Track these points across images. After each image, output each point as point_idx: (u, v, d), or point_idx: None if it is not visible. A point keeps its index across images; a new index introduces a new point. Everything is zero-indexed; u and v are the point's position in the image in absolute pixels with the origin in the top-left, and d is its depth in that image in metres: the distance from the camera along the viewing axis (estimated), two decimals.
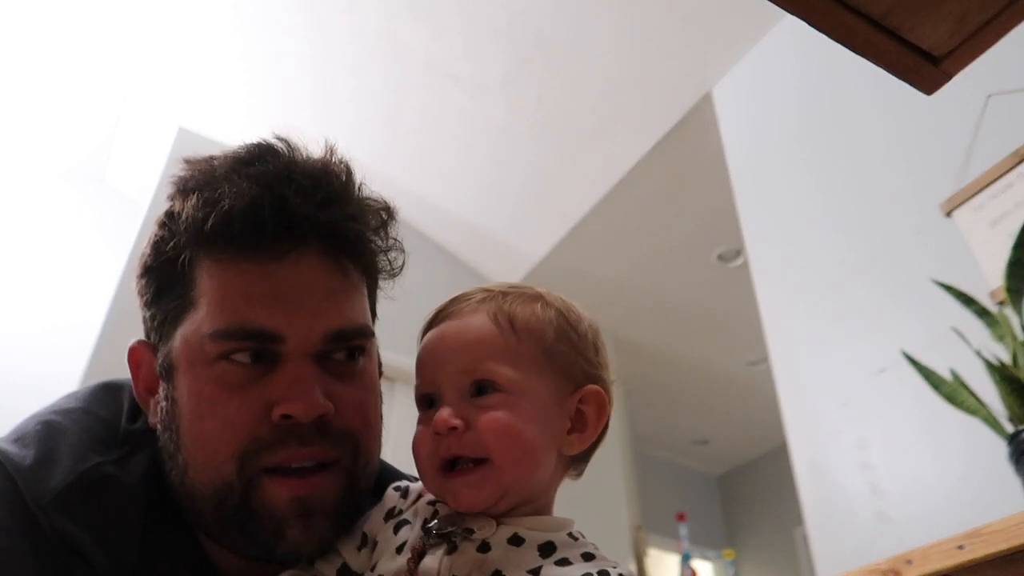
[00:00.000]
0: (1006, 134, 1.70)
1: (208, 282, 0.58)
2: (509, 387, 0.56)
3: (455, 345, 0.58)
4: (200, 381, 0.57)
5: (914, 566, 1.11)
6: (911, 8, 0.52)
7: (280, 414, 0.55)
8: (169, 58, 3.25)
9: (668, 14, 2.59)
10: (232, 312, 0.56)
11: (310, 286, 0.58)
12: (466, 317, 0.59)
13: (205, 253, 0.58)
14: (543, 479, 0.57)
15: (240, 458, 0.55)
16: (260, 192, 0.57)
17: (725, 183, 2.63)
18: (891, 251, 1.90)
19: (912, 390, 1.54)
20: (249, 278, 0.57)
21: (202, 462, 0.57)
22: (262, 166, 0.59)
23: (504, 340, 0.57)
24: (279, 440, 0.56)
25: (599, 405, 0.59)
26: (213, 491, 0.56)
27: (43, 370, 3.00)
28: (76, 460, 0.56)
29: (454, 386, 0.57)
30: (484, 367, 0.56)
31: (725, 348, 4.16)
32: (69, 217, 3.86)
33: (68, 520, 0.52)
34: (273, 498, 0.56)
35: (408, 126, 3.23)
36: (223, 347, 0.56)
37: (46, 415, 0.59)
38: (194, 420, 0.57)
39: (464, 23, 2.79)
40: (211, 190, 0.57)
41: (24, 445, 0.56)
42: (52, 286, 3.57)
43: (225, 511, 0.56)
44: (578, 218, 3.41)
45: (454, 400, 0.56)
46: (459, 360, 0.57)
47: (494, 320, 0.58)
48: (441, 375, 0.58)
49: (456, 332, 0.59)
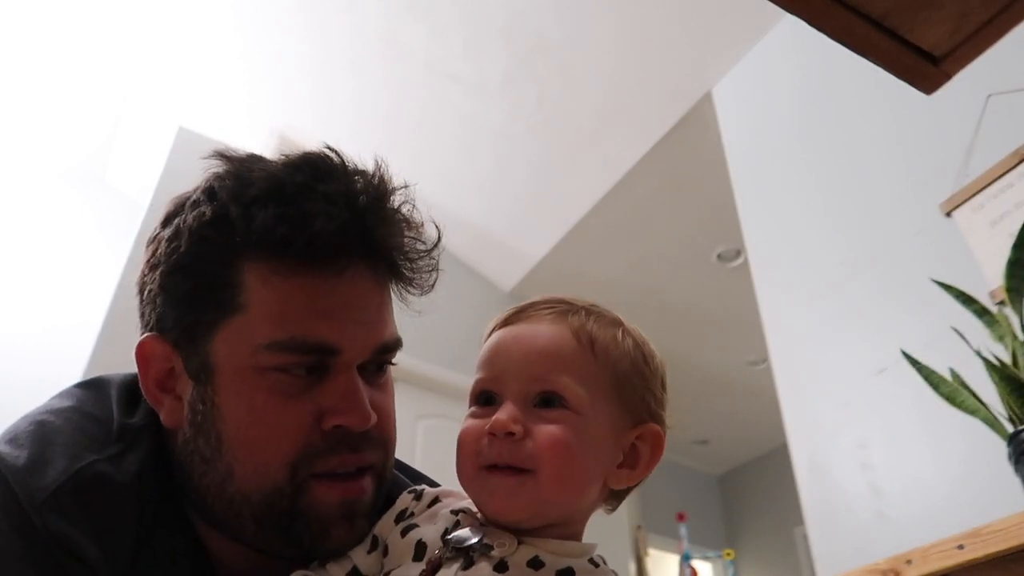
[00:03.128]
0: (1006, 134, 1.70)
1: (262, 291, 0.57)
2: (576, 406, 0.54)
3: (531, 350, 0.56)
4: (250, 389, 0.57)
5: (914, 566, 1.11)
6: (911, 8, 0.52)
7: (333, 424, 0.57)
8: (169, 58, 3.25)
9: (668, 14, 2.59)
10: (293, 325, 0.57)
11: (364, 301, 0.60)
12: (546, 324, 0.57)
13: (262, 261, 0.58)
14: (583, 506, 0.56)
15: (293, 465, 0.57)
16: (350, 220, 0.57)
17: (725, 183, 2.63)
18: (891, 251, 1.90)
19: (912, 390, 1.54)
20: (311, 293, 0.57)
21: (252, 469, 0.57)
22: (336, 186, 0.58)
23: (582, 358, 0.56)
24: (330, 448, 0.57)
25: (655, 445, 0.58)
26: (262, 496, 0.57)
27: (43, 370, 3.00)
28: (70, 459, 0.55)
29: (520, 390, 0.55)
30: (557, 379, 0.54)
31: (725, 348, 4.16)
32: (69, 217, 3.86)
33: (62, 519, 0.52)
34: (322, 501, 0.57)
35: (408, 126, 3.23)
36: (281, 359, 0.57)
37: (38, 415, 0.59)
38: (243, 427, 0.57)
39: (464, 23, 2.79)
40: (290, 206, 0.57)
41: (18, 445, 0.56)
42: (52, 286, 3.58)
43: (272, 515, 0.57)
44: (578, 218, 3.41)
45: (517, 405, 0.54)
46: (533, 366, 0.55)
47: (576, 335, 0.56)
48: (509, 376, 0.55)
49: (534, 337, 0.57)
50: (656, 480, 3.80)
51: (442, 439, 3.31)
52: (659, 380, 0.60)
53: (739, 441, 5.26)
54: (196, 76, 3.28)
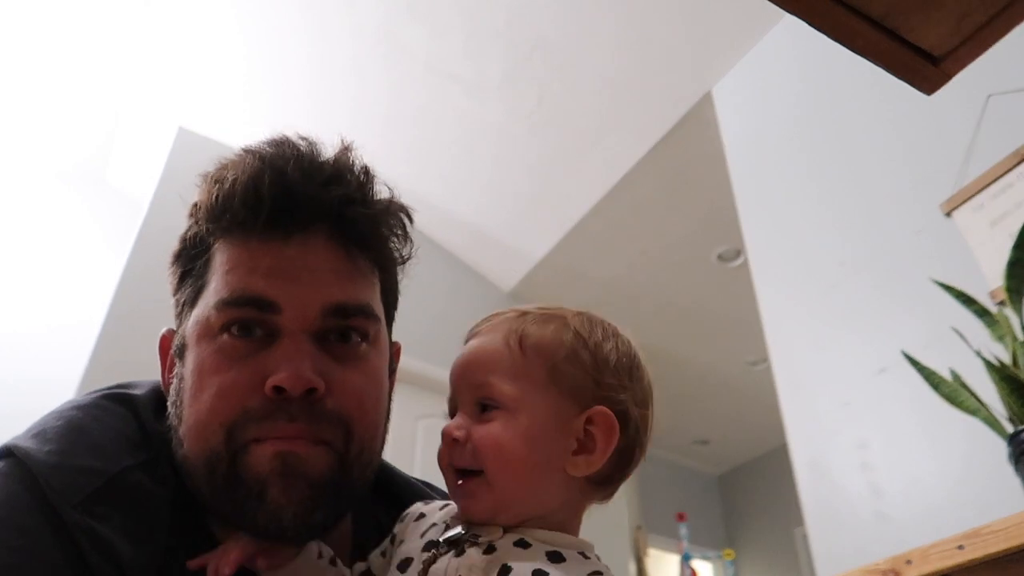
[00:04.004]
0: (1006, 134, 1.70)
1: (219, 261, 0.61)
2: (507, 404, 0.57)
3: (468, 362, 0.61)
4: (203, 354, 0.58)
5: (914, 566, 1.11)
6: (911, 8, 0.52)
7: (271, 386, 0.56)
8: (169, 58, 3.25)
9: (668, 14, 2.60)
10: (235, 282, 0.59)
11: (313, 264, 0.60)
12: (486, 335, 0.62)
13: (220, 236, 0.61)
14: (545, 497, 0.57)
15: (228, 429, 0.56)
16: (261, 167, 0.60)
17: (725, 183, 2.63)
18: (891, 251, 1.90)
19: (912, 390, 1.54)
20: (255, 254, 0.60)
21: (195, 432, 0.57)
22: (270, 149, 0.62)
23: (510, 359, 0.59)
24: (267, 414, 0.56)
25: (608, 428, 0.58)
26: (204, 461, 0.57)
27: (43, 370, 3.01)
28: (103, 460, 0.55)
29: (466, 400, 0.60)
30: (487, 383, 0.58)
31: (725, 348, 4.16)
32: (69, 217, 3.86)
33: (98, 523, 0.51)
34: (257, 459, 0.56)
35: (408, 126, 3.23)
36: (225, 316, 0.58)
37: (66, 411, 0.59)
38: (193, 391, 0.58)
39: (464, 23, 2.79)
40: (221, 171, 0.62)
41: (45, 440, 0.55)
42: (52, 286, 3.58)
43: (215, 481, 0.57)
44: (578, 218, 3.41)
45: (465, 413, 0.59)
46: (469, 376, 0.60)
47: (505, 339, 0.60)
48: (458, 389, 0.61)
49: (473, 350, 0.61)
50: (656, 480, 3.84)
51: (440, 438, 3.31)
52: (611, 366, 0.60)
53: (739, 441, 5.26)
54: (196, 76, 3.28)
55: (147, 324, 2.23)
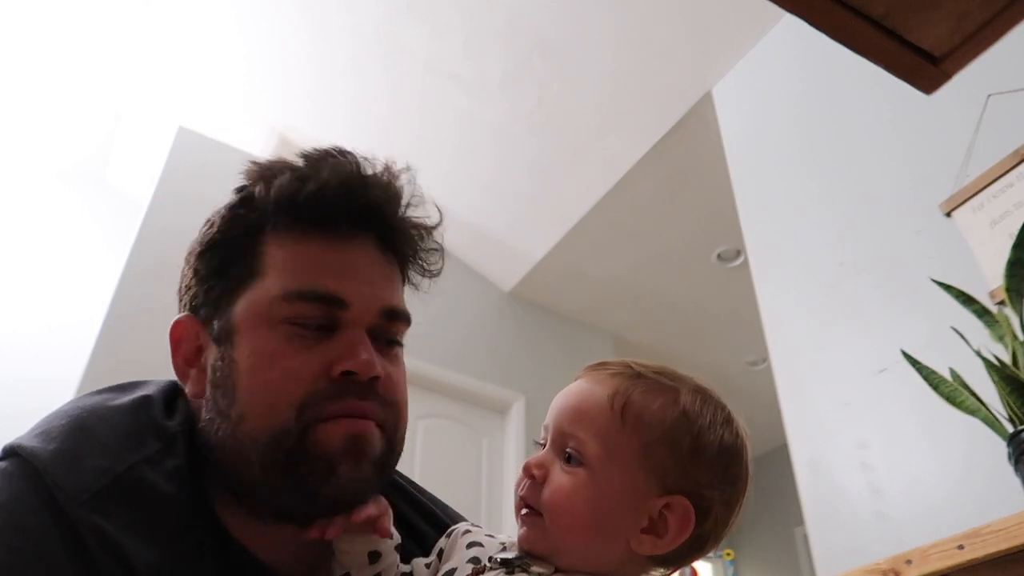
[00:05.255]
0: (1006, 134, 1.70)
1: (279, 252, 0.63)
2: (591, 463, 0.57)
3: (568, 406, 0.61)
4: (263, 339, 0.61)
5: (914, 566, 1.12)
6: (911, 8, 0.52)
7: (341, 371, 0.60)
8: (169, 58, 3.25)
9: (668, 14, 2.59)
10: (305, 276, 0.62)
11: (372, 267, 0.65)
12: (595, 385, 0.61)
13: (280, 228, 0.64)
14: (602, 560, 0.57)
15: (299, 407, 0.59)
16: (351, 174, 0.64)
17: (725, 183, 2.63)
18: (891, 251, 1.90)
19: (912, 390, 1.54)
20: (323, 250, 0.64)
21: (261, 411, 0.59)
22: (346, 158, 0.66)
23: (608, 421, 0.58)
24: (337, 393, 0.60)
25: (684, 519, 0.57)
26: (269, 436, 0.58)
27: (43, 370, 3.01)
28: (110, 459, 0.55)
29: (557, 441, 0.60)
30: (578, 436, 0.58)
31: (725, 348, 4.16)
32: (69, 217, 3.86)
33: (105, 521, 0.51)
34: (329, 437, 0.59)
35: (408, 126, 3.23)
36: (293, 308, 0.61)
37: (71, 410, 0.59)
38: (255, 372, 0.60)
39: (464, 23, 2.79)
40: (308, 169, 0.64)
41: (50, 439, 0.55)
42: (52, 286, 3.58)
43: (279, 454, 0.58)
44: (578, 218, 3.41)
45: (553, 452, 0.60)
46: (564, 421, 0.60)
47: (610, 398, 0.59)
48: (552, 426, 0.61)
49: (576, 395, 0.62)
50: None
51: (442, 439, 3.31)
52: (707, 458, 0.59)
53: None
54: (196, 76, 3.28)
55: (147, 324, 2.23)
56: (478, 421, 3.45)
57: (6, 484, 0.52)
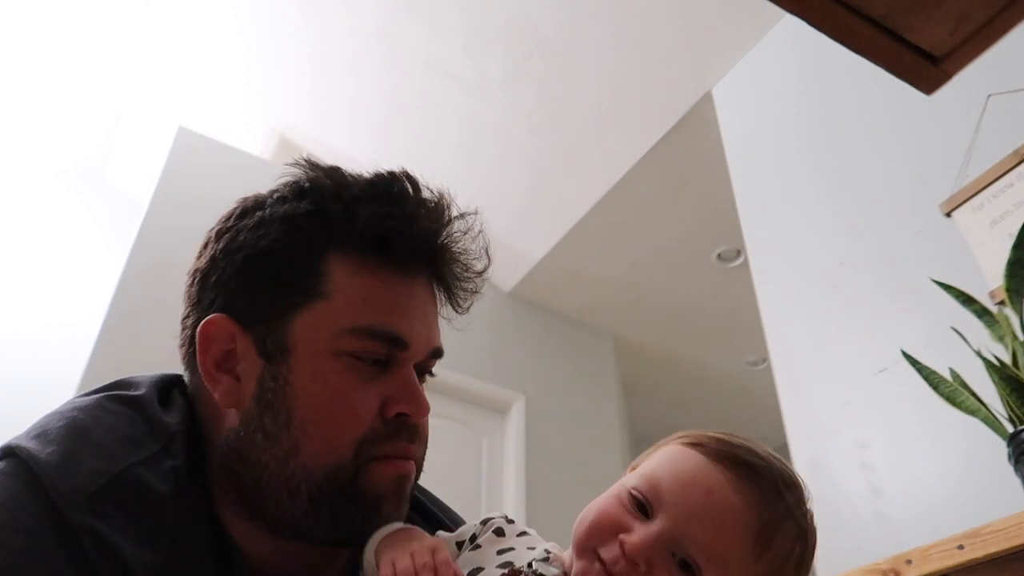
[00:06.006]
0: (1006, 134, 1.70)
1: (349, 281, 0.62)
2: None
3: (707, 519, 0.55)
4: (326, 370, 0.60)
5: (914, 566, 1.12)
6: (911, 8, 0.52)
7: (396, 412, 0.61)
8: (169, 58, 3.25)
9: (668, 14, 2.59)
10: (376, 314, 0.62)
11: (426, 305, 0.67)
12: (743, 505, 0.55)
13: (351, 255, 0.63)
14: None
15: (359, 445, 0.60)
16: (439, 224, 0.66)
17: (725, 183, 2.63)
18: (891, 251, 1.90)
19: (912, 390, 1.54)
20: (393, 288, 0.64)
21: (320, 445, 0.60)
22: (431, 197, 0.66)
23: (744, 554, 0.54)
24: (392, 434, 0.61)
25: None
26: (325, 471, 0.59)
27: (43, 370, 3.01)
28: (107, 460, 0.55)
29: (671, 538, 0.54)
30: (711, 562, 0.54)
31: (725, 348, 4.15)
32: (69, 217, 3.86)
33: (101, 522, 0.51)
34: (381, 478, 0.61)
35: (408, 126, 3.23)
36: (360, 344, 0.61)
37: (68, 411, 0.58)
38: (318, 404, 0.60)
39: (464, 23, 2.79)
40: (397, 208, 0.64)
41: (47, 441, 0.54)
42: (52, 286, 3.58)
43: (331, 491, 0.59)
44: (578, 218, 3.41)
45: (658, 544, 0.54)
46: (695, 530, 0.54)
47: (757, 535, 0.55)
48: (676, 518, 0.55)
49: (729, 509, 0.55)
50: None
51: (442, 439, 3.31)
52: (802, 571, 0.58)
53: None
54: (196, 76, 3.28)
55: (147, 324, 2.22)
56: (478, 421, 3.45)
57: (4, 485, 0.52)
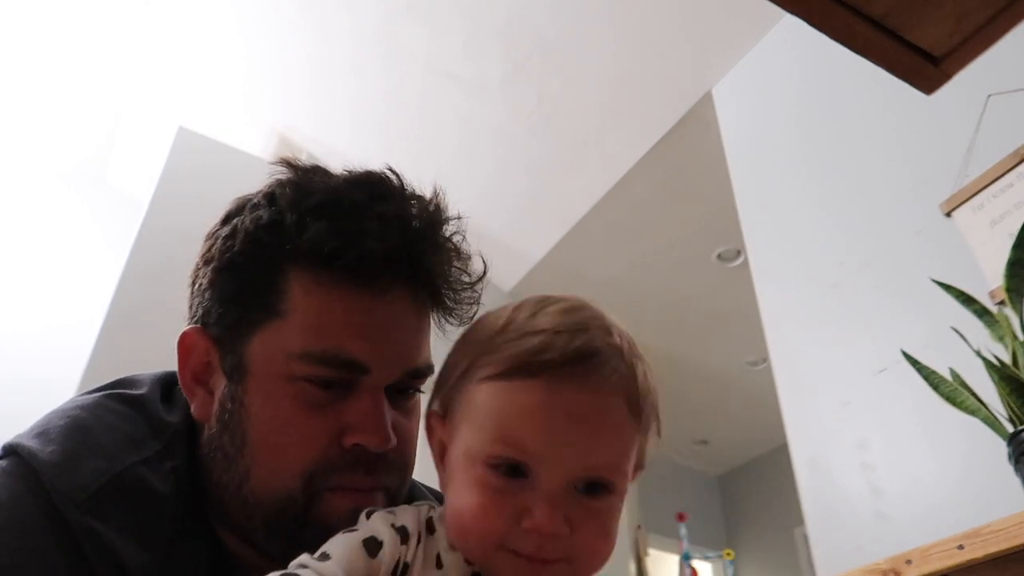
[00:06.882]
0: (1006, 134, 1.70)
1: (304, 300, 0.58)
2: (620, 489, 0.49)
3: (589, 436, 0.47)
4: (278, 395, 0.58)
5: (914, 566, 1.11)
6: (911, 8, 0.52)
7: (353, 443, 0.57)
8: (169, 58, 3.25)
9: (668, 14, 2.59)
10: (328, 338, 0.57)
11: (400, 324, 0.60)
12: (605, 397, 0.48)
13: (308, 271, 0.58)
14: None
15: (309, 476, 0.57)
16: (401, 243, 0.58)
17: (725, 183, 2.63)
18: (891, 251, 1.90)
19: (912, 390, 1.54)
20: (349, 307, 0.58)
21: (268, 473, 0.58)
22: (392, 207, 0.60)
23: (633, 432, 0.49)
24: (347, 466, 0.58)
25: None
26: (274, 501, 0.57)
27: (43, 370, 3.01)
28: (107, 460, 0.55)
29: (565, 477, 0.46)
30: (613, 466, 0.48)
31: (725, 348, 4.16)
32: (69, 217, 3.86)
33: (100, 522, 0.51)
34: (333, 511, 0.57)
35: (408, 126, 3.22)
36: (311, 370, 0.57)
37: (69, 410, 0.58)
38: (267, 431, 0.58)
39: (464, 23, 2.79)
40: (346, 222, 0.58)
41: (48, 440, 0.55)
42: (52, 286, 3.58)
43: (283, 520, 0.57)
44: (578, 218, 3.41)
45: (559, 492, 0.46)
46: (589, 454, 0.47)
47: (631, 406, 0.48)
48: (555, 458, 0.46)
49: (594, 418, 0.47)
50: (656, 480, 3.82)
51: None
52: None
53: (739, 441, 5.25)
54: (196, 76, 3.28)
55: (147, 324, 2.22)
56: None
57: (4, 483, 0.53)
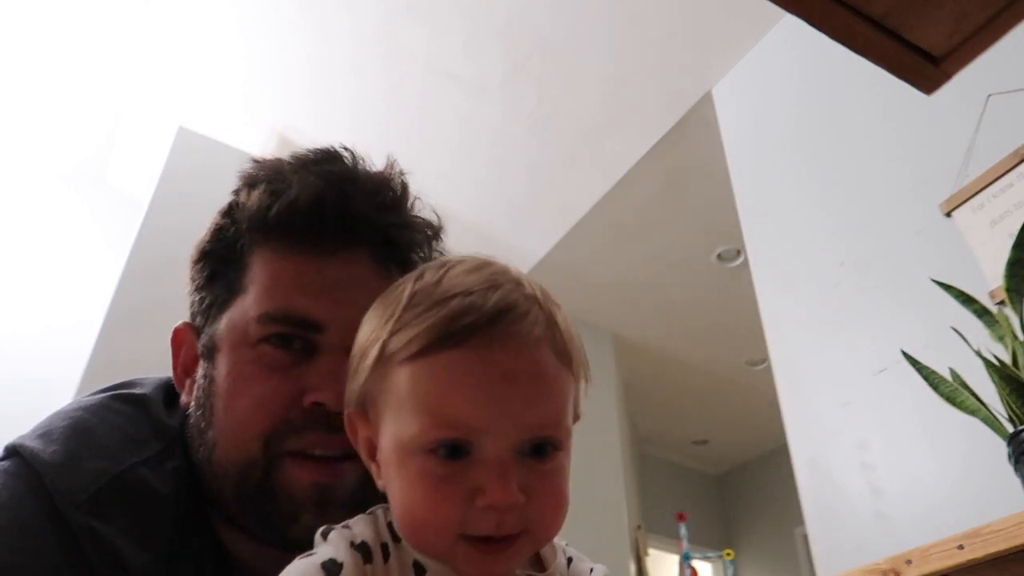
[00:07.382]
0: (1006, 134, 1.70)
1: (261, 269, 0.61)
2: (566, 446, 0.46)
3: (527, 395, 0.43)
4: (240, 361, 0.59)
5: (914, 566, 1.11)
6: (911, 8, 0.52)
7: (312, 401, 0.57)
8: (169, 58, 3.24)
9: (668, 15, 2.59)
10: (281, 298, 0.59)
11: (357, 284, 0.61)
12: (533, 351, 0.44)
13: (263, 242, 0.61)
14: None
15: (267, 438, 0.57)
16: (326, 187, 0.61)
17: (725, 183, 2.63)
18: (891, 251, 1.90)
19: (912, 390, 1.54)
20: (301, 268, 0.60)
21: (230, 439, 0.58)
22: (329, 166, 0.63)
23: (569, 384, 0.46)
24: (307, 425, 0.57)
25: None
26: (237, 468, 0.57)
27: (43, 370, 3.01)
28: (109, 461, 0.55)
29: (510, 445, 0.43)
30: (558, 424, 0.45)
31: (725, 348, 4.16)
32: (69, 217, 3.86)
33: (101, 522, 0.51)
34: (294, 481, 0.57)
35: (408, 126, 3.22)
36: (267, 330, 0.58)
37: (72, 411, 0.59)
38: (228, 397, 0.59)
39: (464, 23, 2.79)
40: (279, 182, 0.61)
41: (50, 440, 0.55)
42: (52, 286, 3.57)
43: (246, 489, 0.57)
44: (578, 218, 3.41)
45: (508, 461, 0.43)
46: (530, 414, 0.43)
47: (559, 355, 0.45)
48: (496, 429, 0.43)
49: (528, 375, 0.44)
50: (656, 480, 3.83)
51: None
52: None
53: (739, 441, 5.26)
54: (196, 76, 3.28)
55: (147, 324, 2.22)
56: None
57: (6, 484, 0.53)
